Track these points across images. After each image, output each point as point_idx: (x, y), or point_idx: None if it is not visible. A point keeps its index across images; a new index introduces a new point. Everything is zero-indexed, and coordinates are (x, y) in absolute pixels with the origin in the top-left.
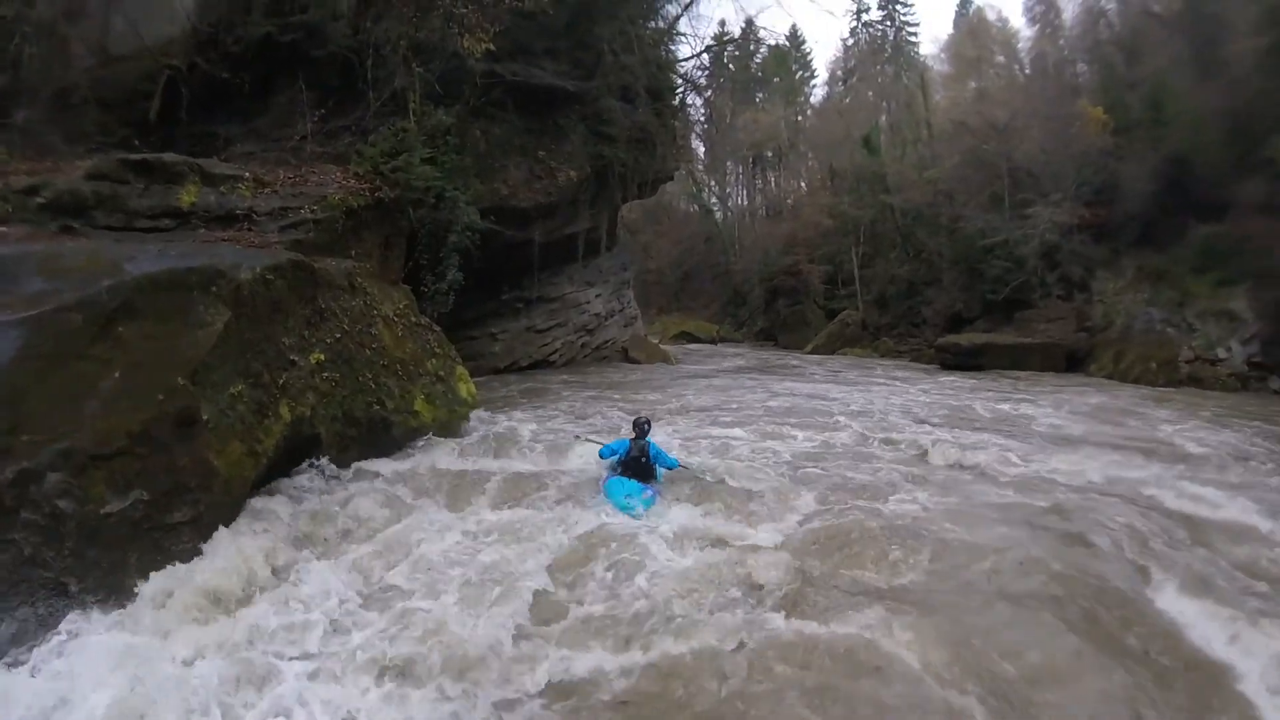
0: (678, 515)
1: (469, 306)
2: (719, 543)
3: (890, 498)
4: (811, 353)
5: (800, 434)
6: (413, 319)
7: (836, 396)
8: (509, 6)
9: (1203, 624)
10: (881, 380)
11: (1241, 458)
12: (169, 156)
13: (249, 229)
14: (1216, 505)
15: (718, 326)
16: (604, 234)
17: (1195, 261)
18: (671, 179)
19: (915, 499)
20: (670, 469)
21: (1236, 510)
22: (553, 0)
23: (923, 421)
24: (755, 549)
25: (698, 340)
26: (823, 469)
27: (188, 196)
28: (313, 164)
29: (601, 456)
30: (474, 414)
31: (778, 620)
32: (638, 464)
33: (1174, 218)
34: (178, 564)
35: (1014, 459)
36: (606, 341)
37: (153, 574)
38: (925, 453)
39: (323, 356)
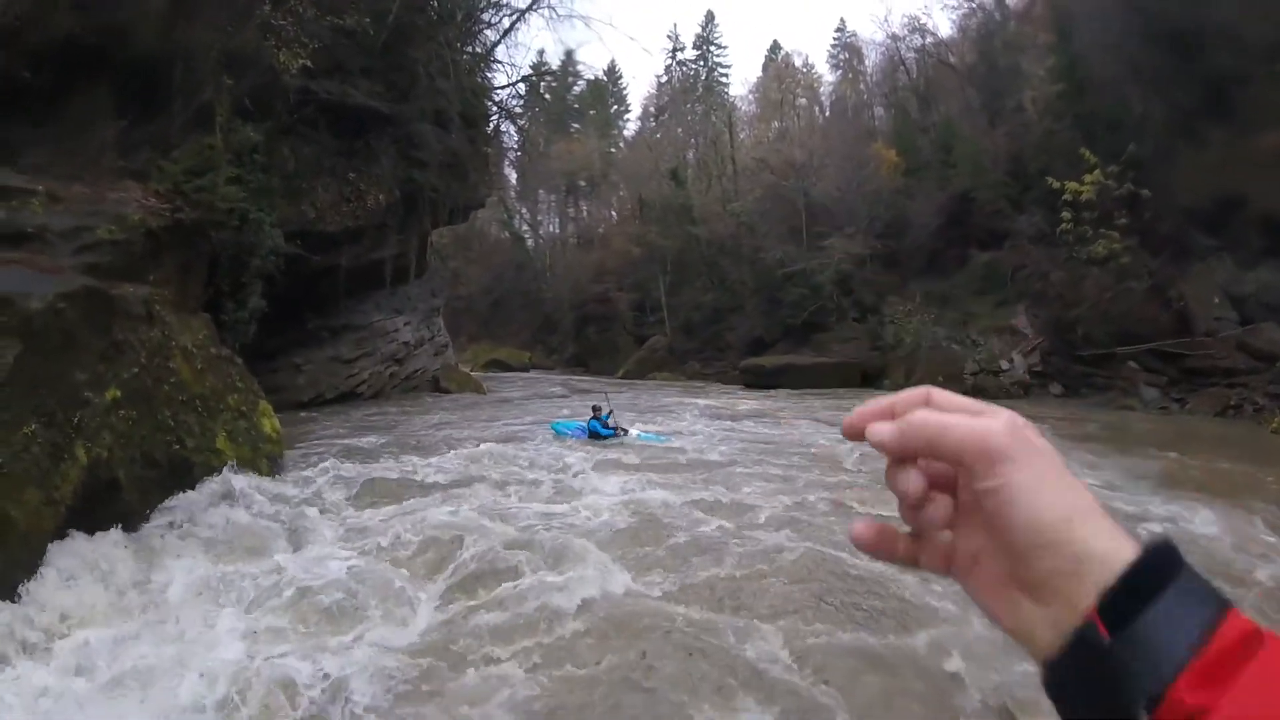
0: None
1: (271, 336)
2: None
3: None
4: (623, 377)
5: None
6: (213, 350)
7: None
8: (329, 23)
9: None
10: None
11: None
12: None
13: (40, 250)
14: None
15: (529, 353)
16: (413, 260)
17: (977, 286)
18: (483, 205)
19: None
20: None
21: None
22: (373, 19)
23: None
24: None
25: (510, 368)
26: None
27: None
28: (112, 179)
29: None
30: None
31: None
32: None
33: (957, 248)
34: None
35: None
36: (416, 371)
37: None
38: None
39: (119, 393)
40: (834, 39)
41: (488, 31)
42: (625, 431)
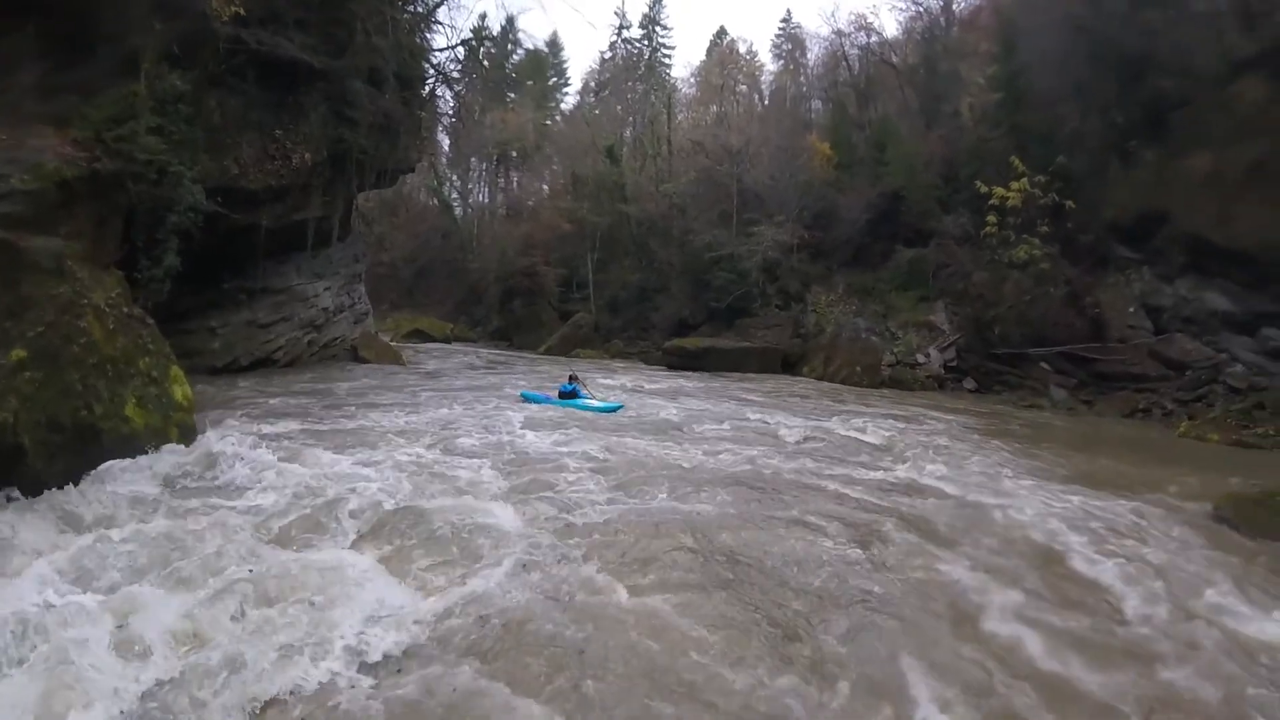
0: None
1: (185, 295)
2: None
3: None
4: (545, 353)
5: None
6: (125, 310)
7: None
8: None
9: None
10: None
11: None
12: None
13: None
14: None
15: (452, 325)
16: (337, 223)
17: (900, 281)
18: (413, 170)
19: None
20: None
21: None
22: None
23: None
24: None
25: (431, 339)
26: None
27: None
28: (31, 126)
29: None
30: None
31: None
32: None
33: (884, 243)
34: None
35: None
36: (335, 339)
37: None
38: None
39: (25, 353)
40: (779, 29)
41: None
42: (592, 396)
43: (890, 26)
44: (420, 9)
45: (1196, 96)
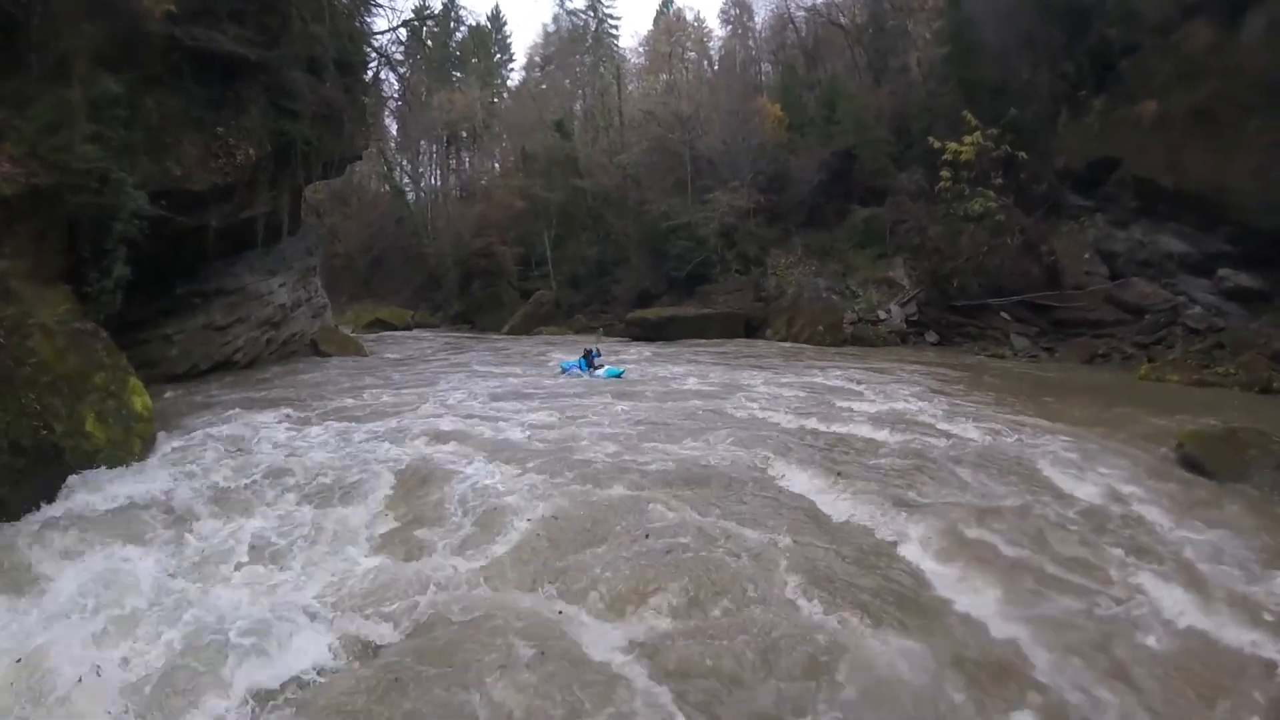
0: None
1: (138, 304)
2: None
3: None
4: (509, 333)
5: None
6: (75, 325)
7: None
8: None
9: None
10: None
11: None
12: None
13: None
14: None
15: (413, 312)
16: (286, 217)
17: (857, 239)
18: (360, 158)
19: None
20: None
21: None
22: None
23: None
24: None
25: (393, 328)
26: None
27: None
28: None
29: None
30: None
31: None
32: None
33: (839, 202)
34: None
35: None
36: (294, 335)
37: None
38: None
39: None
40: None
41: None
42: (603, 366)
43: None
44: None
45: (1143, 43)
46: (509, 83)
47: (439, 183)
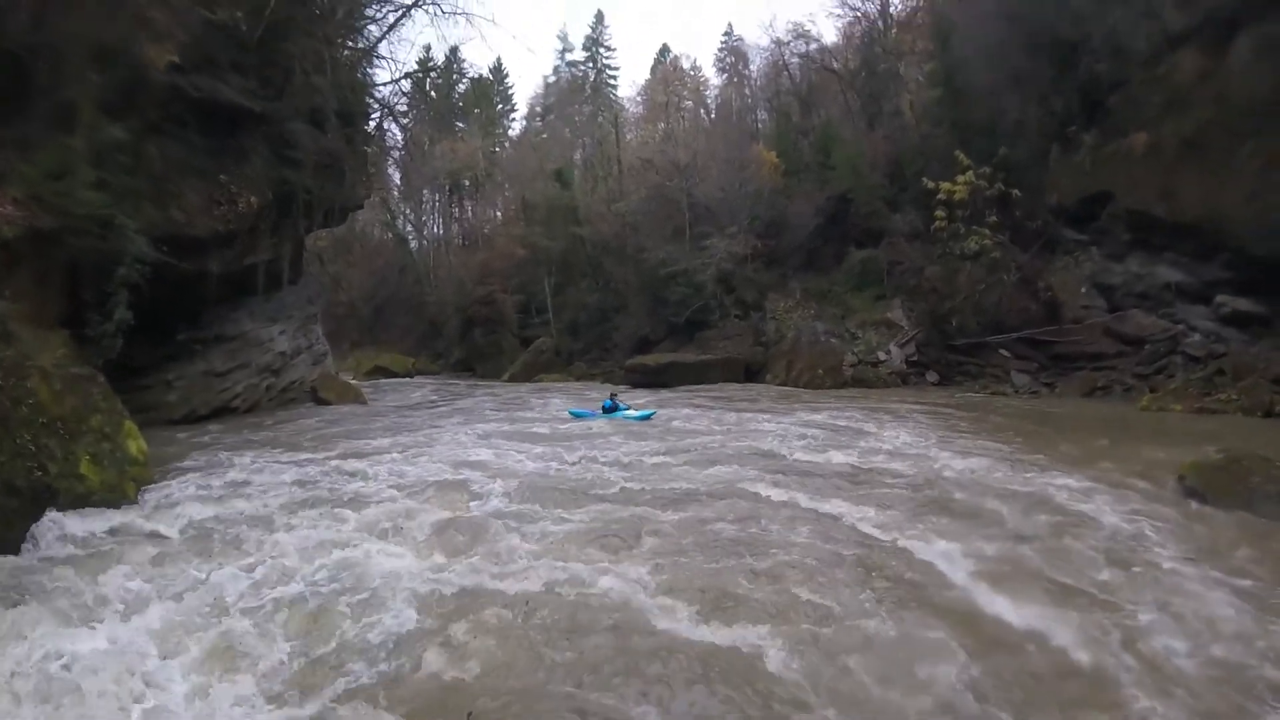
0: None
1: (140, 349)
2: None
3: None
4: (509, 381)
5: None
6: (72, 369)
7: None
8: (200, 16)
9: None
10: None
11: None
12: None
13: None
14: None
15: (414, 359)
16: (287, 265)
17: (854, 282)
18: (361, 207)
19: None
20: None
21: None
22: (247, 12)
23: None
24: None
25: (394, 374)
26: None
27: None
28: None
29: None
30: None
31: None
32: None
33: (836, 245)
34: None
35: None
36: (294, 382)
37: None
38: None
39: None
40: (721, 43)
41: (371, 27)
42: (628, 408)
43: (829, 33)
44: (361, 45)
45: (1132, 76)
46: (510, 132)
47: (441, 231)
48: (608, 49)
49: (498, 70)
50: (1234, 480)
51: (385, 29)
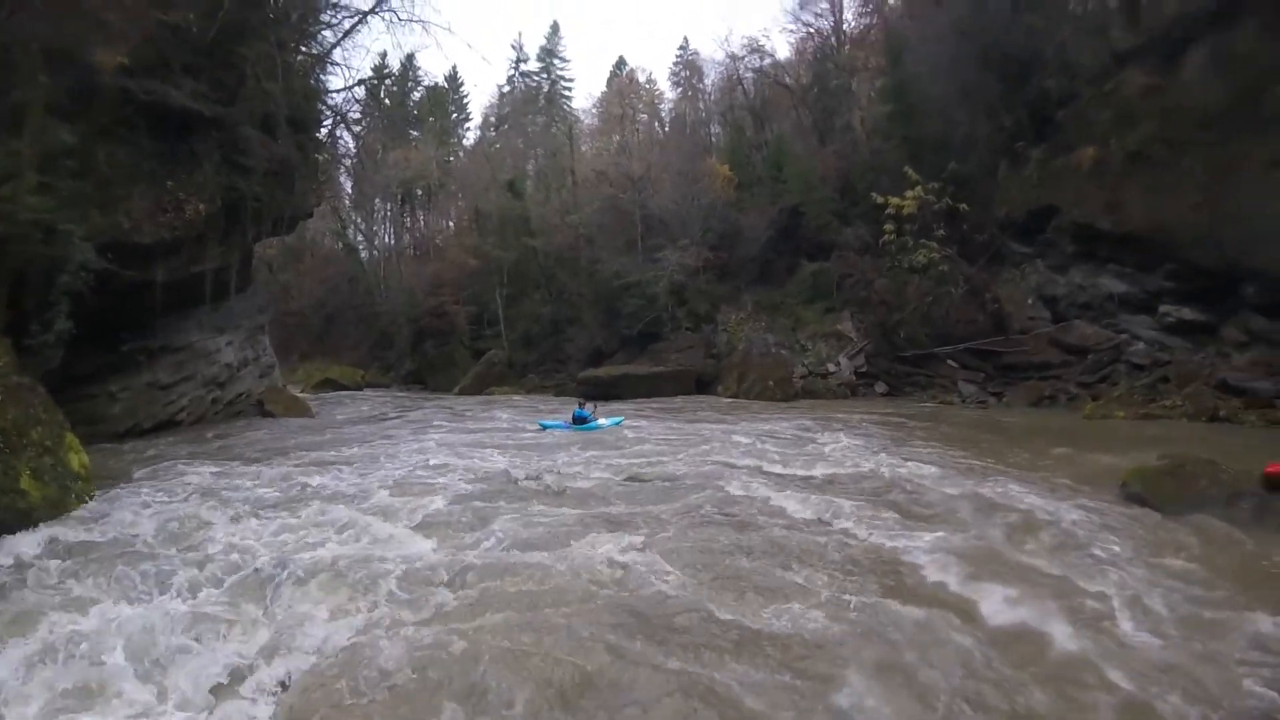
0: None
1: (82, 359)
2: None
3: None
4: (460, 394)
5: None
6: (14, 379)
7: None
8: (154, 17)
9: None
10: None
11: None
12: None
13: None
14: None
15: (364, 371)
16: (235, 274)
17: (805, 294)
18: (311, 215)
19: None
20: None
21: None
22: (200, 15)
23: None
24: None
25: (343, 387)
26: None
27: None
28: None
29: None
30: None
31: None
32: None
33: (787, 258)
34: None
35: None
36: (240, 395)
37: None
38: None
39: None
40: (676, 57)
41: (326, 32)
42: (599, 420)
43: (783, 49)
44: (316, 50)
45: (1080, 92)
46: (465, 141)
47: (393, 241)
48: (563, 60)
49: (453, 79)
50: (1178, 485)
51: (340, 35)
